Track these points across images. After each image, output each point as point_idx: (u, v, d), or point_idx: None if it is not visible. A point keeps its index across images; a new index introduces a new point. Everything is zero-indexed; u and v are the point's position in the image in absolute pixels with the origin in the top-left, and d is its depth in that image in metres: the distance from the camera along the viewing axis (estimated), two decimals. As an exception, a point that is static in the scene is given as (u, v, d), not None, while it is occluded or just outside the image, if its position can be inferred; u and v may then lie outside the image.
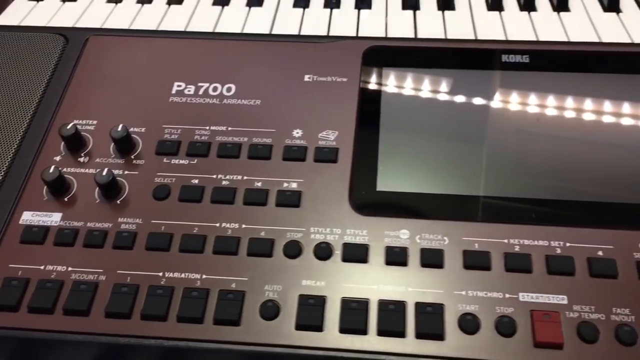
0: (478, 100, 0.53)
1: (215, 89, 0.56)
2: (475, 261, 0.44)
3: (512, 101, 0.53)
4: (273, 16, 0.69)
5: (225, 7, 0.71)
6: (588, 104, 0.52)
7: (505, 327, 0.41)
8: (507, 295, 0.43)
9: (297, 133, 0.52)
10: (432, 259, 0.44)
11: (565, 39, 0.63)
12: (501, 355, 0.40)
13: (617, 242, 0.44)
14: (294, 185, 0.49)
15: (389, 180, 0.49)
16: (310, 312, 0.42)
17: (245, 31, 0.67)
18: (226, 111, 0.54)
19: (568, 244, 0.44)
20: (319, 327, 0.42)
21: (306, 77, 0.56)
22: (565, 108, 0.52)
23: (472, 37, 0.64)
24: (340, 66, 0.56)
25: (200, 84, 0.56)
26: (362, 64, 0.56)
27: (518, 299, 0.42)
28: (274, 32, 0.65)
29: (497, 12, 0.69)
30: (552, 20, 0.67)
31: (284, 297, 0.43)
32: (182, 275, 0.45)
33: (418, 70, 0.56)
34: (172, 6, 0.72)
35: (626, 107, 0.52)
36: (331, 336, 0.41)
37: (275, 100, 0.55)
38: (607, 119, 0.51)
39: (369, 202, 0.48)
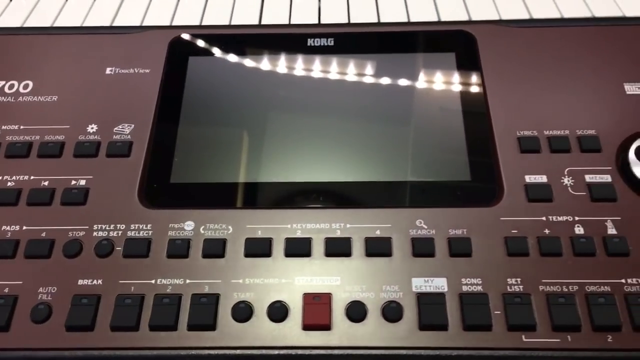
0: (278, 88, 0.53)
1: (11, 87, 0.54)
2: (256, 249, 0.44)
3: (311, 86, 0.53)
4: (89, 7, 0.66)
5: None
6: (380, 85, 0.53)
7: (276, 312, 0.41)
8: (284, 280, 0.43)
9: (92, 128, 0.51)
10: (213, 249, 0.44)
11: (375, 20, 0.64)
12: (271, 340, 0.40)
13: (395, 220, 0.45)
14: (82, 183, 0.48)
15: (183, 172, 0.49)
16: (82, 312, 0.41)
17: (63, 24, 0.64)
18: (21, 109, 0.52)
19: (348, 225, 0.45)
20: (89, 327, 0.41)
21: (108, 70, 0.54)
22: (354, 90, 0.53)
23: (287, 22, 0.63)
24: (145, 57, 0.55)
25: (-4, 82, 0.54)
26: (167, 54, 0.55)
27: (293, 283, 0.43)
28: (87, 24, 0.62)
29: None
30: (366, 3, 0.68)
31: (57, 299, 0.42)
32: (-48, 285, 0.43)
33: (225, 58, 0.56)
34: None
35: (412, 87, 0.53)
36: (102, 335, 0.41)
37: (74, 95, 0.53)
38: (389, 100, 0.52)
39: (159, 195, 0.47)
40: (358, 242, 0.44)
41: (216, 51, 0.56)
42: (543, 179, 0.46)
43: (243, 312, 0.41)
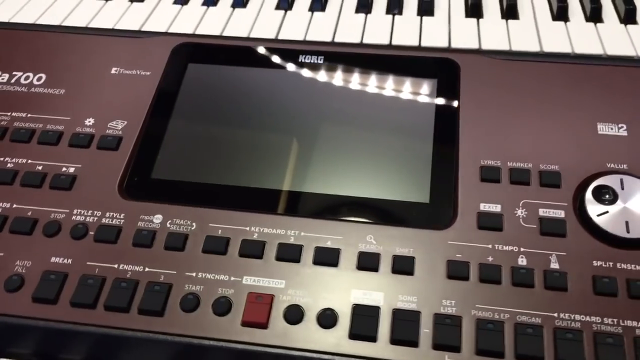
0: (264, 99, 0.57)
1: (27, 78, 0.59)
2: (213, 246, 0.47)
3: (293, 100, 0.56)
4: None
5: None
6: (358, 103, 0.55)
7: (220, 306, 0.44)
8: (233, 278, 0.46)
9: (89, 122, 0.55)
10: (174, 242, 0.47)
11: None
12: (210, 332, 0.43)
13: (348, 233, 0.47)
14: (71, 170, 0.52)
15: (164, 169, 0.53)
16: (49, 287, 0.45)
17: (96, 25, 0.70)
18: (31, 99, 0.57)
19: (303, 233, 0.48)
20: (53, 301, 0.45)
21: (113, 70, 0.59)
22: (333, 106, 0.55)
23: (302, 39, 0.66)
24: (148, 61, 0.60)
25: (15, 73, 0.60)
26: (168, 59, 0.59)
27: (241, 282, 0.45)
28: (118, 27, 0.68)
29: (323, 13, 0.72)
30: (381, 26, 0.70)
31: (30, 272, 0.47)
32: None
33: (222, 67, 0.59)
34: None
35: (388, 108, 0.55)
36: (63, 309, 0.45)
37: (79, 90, 0.58)
38: (364, 119, 0.54)
39: (137, 188, 0.51)
40: (308, 250, 0.47)
41: (213, 60, 0.60)
42: (497, 208, 0.48)
43: (190, 303, 0.44)
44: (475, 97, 0.54)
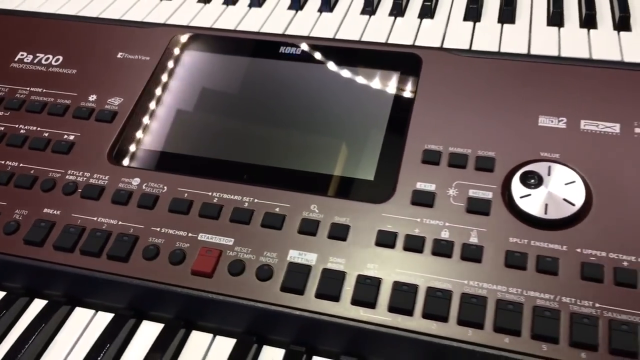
0: (243, 83, 0.63)
1: (47, 59, 0.68)
2: (177, 206, 0.54)
3: (269, 85, 0.62)
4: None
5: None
6: (324, 89, 0.61)
7: (175, 256, 0.51)
8: (190, 234, 0.52)
9: (92, 98, 0.63)
10: (145, 201, 0.55)
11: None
12: (164, 277, 0.50)
13: (295, 202, 0.53)
14: (71, 137, 0.60)
15: (148, 141, 0.60)
16: (38, 232, 0.54)
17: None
18: (48, 77, 0.66)
19: (256, 200, 0.54)
20: (39, 244, 0.53)
21: (119, 55, 0.67)
22: (302, 91, 0.61)
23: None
24: (150, 48, 0.67)
25: (38, 54, 0.69)
26: (167, 47, 0.67)
27: (197, 238, 0.52)
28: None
29: (331, 14, 0.78)
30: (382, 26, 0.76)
31: (25, 219, 0.55)
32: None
33: (211, 55, 0.66)
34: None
35: (350, 95, 0.60)
36: (47, 251, 0.53)
37: (89, 71, 0.66)
38: (327, 102, 0.60)
39: (123, 155, 0.59)
40: (259, 214, 0.53)
41: (205, 49, 0.67)
42: (431, 187, 0.52)
43: (151, 252, 0.51)
44: (432, 89, 0.59)
